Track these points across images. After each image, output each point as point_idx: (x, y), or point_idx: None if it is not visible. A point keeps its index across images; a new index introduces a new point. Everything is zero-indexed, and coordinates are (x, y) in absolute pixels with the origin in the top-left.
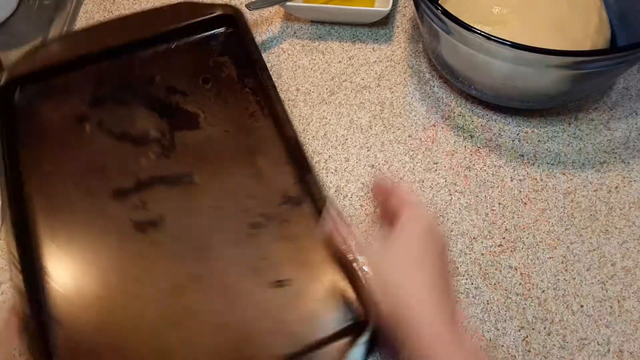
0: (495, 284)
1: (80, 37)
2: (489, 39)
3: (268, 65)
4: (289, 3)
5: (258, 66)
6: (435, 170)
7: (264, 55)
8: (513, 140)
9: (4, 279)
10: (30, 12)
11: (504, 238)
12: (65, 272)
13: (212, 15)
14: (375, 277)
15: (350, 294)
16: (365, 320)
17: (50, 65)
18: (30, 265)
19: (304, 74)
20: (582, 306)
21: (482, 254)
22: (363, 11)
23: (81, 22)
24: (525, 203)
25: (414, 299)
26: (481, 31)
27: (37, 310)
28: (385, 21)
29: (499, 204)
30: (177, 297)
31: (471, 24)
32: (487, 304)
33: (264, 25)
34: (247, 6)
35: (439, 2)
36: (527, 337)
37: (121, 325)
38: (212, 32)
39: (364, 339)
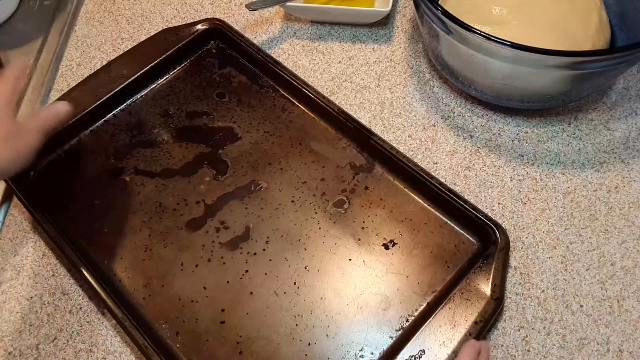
0: None
1: (71, 97)
2: (488, 39)
3: None
4: (289, 3)
5: (270, 62)
6: (435, 170)
7: None
8: (513, 140)
9: (4, 279)
10: (31, 12)
11: None
12: (180, 320)
13: (195, 35)
14: None
15: (458, 229)
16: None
17: (54, 136)
18: (148, 331)
19: (304, 74)
20: (581, 306)
21: None
22: (363, 11)
23: (82, 23)
24: (524, 203)
25: None
26: (481, 31)
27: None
28: (385, 21)
29: (499, 203)
30: (298, 291)
31: (471, 24)
32: None
33: (264, 25)
34: (247, 6)
35: (439, 2)
36: (526, 336)
37: (266, 339)
38: (203, 49)
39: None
